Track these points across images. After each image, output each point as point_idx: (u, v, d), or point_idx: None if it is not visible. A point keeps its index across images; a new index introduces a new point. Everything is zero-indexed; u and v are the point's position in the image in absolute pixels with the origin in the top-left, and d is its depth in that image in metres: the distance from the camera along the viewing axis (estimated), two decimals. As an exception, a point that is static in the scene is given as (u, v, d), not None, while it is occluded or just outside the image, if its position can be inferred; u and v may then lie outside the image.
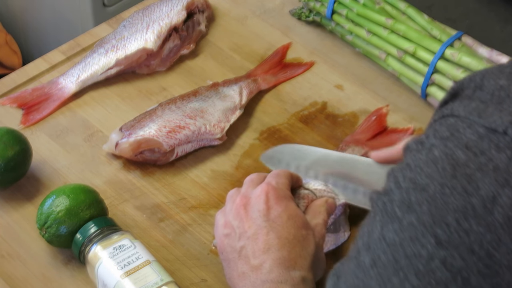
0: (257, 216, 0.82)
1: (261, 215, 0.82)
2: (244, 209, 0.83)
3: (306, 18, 1.21)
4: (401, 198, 0.61)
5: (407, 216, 0.60)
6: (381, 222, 0.61)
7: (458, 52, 1.05)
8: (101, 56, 1.12)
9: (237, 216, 0.84)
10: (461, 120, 0.61)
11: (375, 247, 0.61)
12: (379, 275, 0.60)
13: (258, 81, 1.12)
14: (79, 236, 0.89)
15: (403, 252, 0.59)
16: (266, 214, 0.82)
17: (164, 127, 1.01)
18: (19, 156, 0.96)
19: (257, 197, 0.84)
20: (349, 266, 0.64)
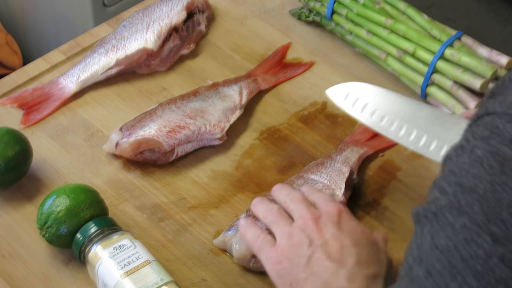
0: (330, 227, 0.80)
1: (334, 226, 0.80)
2: (314, 222, 0.81)
3: (306, 18, 1.21)
4: (449, 203, 0.60)
5: (459, 220, 0.60)
6: (431, 232, 0.61)
7: (458, 52, 1.05)
8: (101, 56, 1.12)
9: (306, 227, 0.81)
10: (498, 116, 0.61)
11: (428, 257, 0.61)
12: (435, 284, 0.60)
13: (258, 81, 1.12)
14: (79, 236, 0.89)
15: (459, 256, 0.59)
16: (339, 226, 0.80)
17: (164, 127, 1.01)
18: (20, 156, 0.96)
19: (330, 212, 0.82)
20: (401, 285, 0.63)
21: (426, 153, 0.88)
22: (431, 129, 0.89)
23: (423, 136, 0.89)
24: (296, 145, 1.06)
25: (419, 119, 0.90)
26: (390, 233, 0.96)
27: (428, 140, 0.88)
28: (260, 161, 1.03)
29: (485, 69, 1.02)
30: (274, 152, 1.05)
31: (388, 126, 0.90)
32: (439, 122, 0.89)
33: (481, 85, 1.02)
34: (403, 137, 0.89)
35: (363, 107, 0.92)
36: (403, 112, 0.91)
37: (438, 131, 0.88)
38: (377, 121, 0.91)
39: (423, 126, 0.89)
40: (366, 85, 0.94)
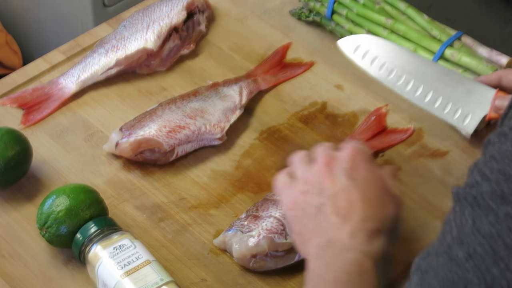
0: (340, 175, 0.83)
1: (345, 174, 0.83)
2: (327, 168, 0.84)
3: (306, 18, 1.21)
4: (491, 190, 0.61)
5: (502, 208, 0.60)
6: (472, 215, 0.62)
7: (458, 52, 1.05)
8: (101, 56, 1.12)
9: (319, 174, 0.84)
10: None
11: (469, 240, 0.62)
12: (476, 267, 0.61)
13: (258, 81, 1.12)
14: (79, 236, 0.89)
15: (502, 243, 0.60)
16: (350, 174, 0.83)
17: (164, 127, 1.01)
18: (20, 156, 0.96)
19: (343, 157, 0.85)
20: (438, 261, 0.64)
21: (432, 109, 0.90)
22: (438, 87, 0.91)
23: (429, 92, 0.91)
24: (296, 145, 1.05)
25: (428, 76, 0.92)
26: (390, 233, 0.96)
27: (434, 96, 0.90)
28: (260, 161, 1.03)
29: (485, 69, 1.02)
30: (274, 152, 1.05)
31: (396, 80, 0.92)
32: (448, 80, 0.91)
33: (481, 85, 1.02)
34: (410, 92, 0.91)
35: (372, 60, 0.93)
36: (412, 68, 0.92)
37: (445, 89, 0.90)
38: (385, 74, 0.93)
39: (430, 82, 0.91)
40: (377, 38, 0.96)
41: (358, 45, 0.95)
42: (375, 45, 0.95)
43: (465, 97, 0.91)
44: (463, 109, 0.91)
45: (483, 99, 0.91)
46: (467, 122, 0.91)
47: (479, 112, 0.90)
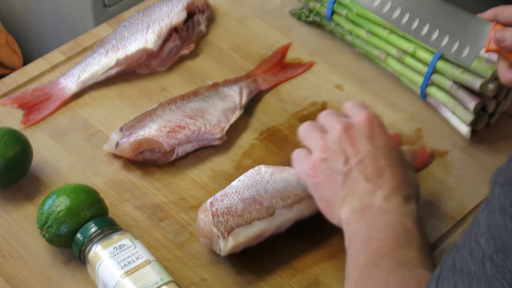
0: (363, 142, 0.84)
1: (368, 141, 0.84)
2: (347, 134, 0.85)
3: (306, 18, 1.21)
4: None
5: None
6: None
7: (458, 52, 1.05)
8: (102, 56, 1.12)
9: (340, 140, 0.85)
10: None
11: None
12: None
13: (258, 81, 1.12)
14: (79, 235, 0.89)
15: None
16: (372, 141, 0.84)
17: (165, 127, 1.01)
18: (20, 156, 0.97)
19: (361, 123, 0.86)
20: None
21: (429, 42, 0.92)
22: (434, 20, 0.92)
23: (425, 25, 0.92)
24: (296, 145, 1.05)
25: (424, 10, 0.92)
26: (390, 233, 0.96)
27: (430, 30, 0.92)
28: (260, 161, 1.03)
29: (485, 69, 1.02)
30: (274, 152, 1.05)
31: (391, 13, 0.93)
32: (444, 14, 0.91)
33: (481, 85, 1.02)
34: (406, 25, 0.92)
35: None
36: (407, 1, 0.93)
37: (442, 23, 0.91)
38: (380, 8, 0.93)
39: (426, 16, 0.92)
40: None
41: None
42: None
43: (462, 30, 0.91)
44: (461, 42, 0.91)
45: (481, 31, 0.90)
46: (465, 54, 0.91)
47: (477, 44, 0.90)
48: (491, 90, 1.03)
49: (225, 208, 0.90)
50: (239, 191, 0.91)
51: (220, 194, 0.91)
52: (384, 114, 1.10)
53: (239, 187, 0.92)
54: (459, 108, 1.05)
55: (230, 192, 0.91)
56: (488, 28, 0.90)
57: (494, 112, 1.07)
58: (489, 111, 1.06)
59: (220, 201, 0.90)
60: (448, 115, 1.07)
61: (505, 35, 0.87)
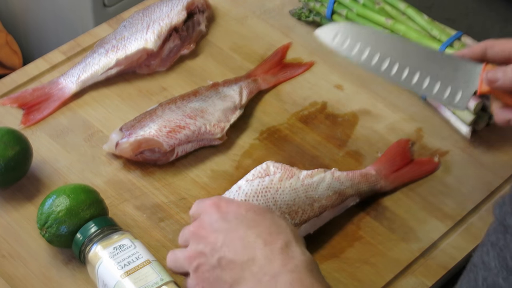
0: (218, 226, 0.79)
1: (221, 223, 0.79)
2: (201, 229, 0.80)
3: (306, 18, 1.21)
4: None
5: None
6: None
7: (458, 52, 1.05)
8: (102, 56, 1.12)
9: (197, 239, 0.80)
10: None
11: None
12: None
13: (258, 81, 1.12)
14: (79, 236, 0.89)
15: None
16: (224, 219, 0.79)
17: (164, 127, 1.01)
18: (20, 156, 0.96)
19: (208, 210, 0.81)
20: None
21: (421, 91, 0.89)
22: (424, 67, 0.90)
23: (416, 74, 0.89)
24: (296, 145, 1.06)
25: (412, 57, 0.90)
26: (390, 233, 0.96)
27: (421, 77, 0.89)
28: (260, 161, 1.03)
29: (485, 69, 1.02)
30: (274, 152, 1.05)
31: (380, 65, 0.90)
32: (433, 59, 0.90)
33: (481, 85, 1.02)
34: (395, 76, 0.90)
35: (353, 47, 0.91)
36: (394, 51, 0.90)
37: (431, 69, 0.89)
38: (368, 61, 0.91)
39: (415, 64, 0.90)
40: (355, 25, 0.94)
41: (336, 32, 0.92)
42: (354, 31, 0.92)
43: (452, 74, 0.89)
44: (453, 87, 0.89)
45: (472, 74, 0.89)
46: (458, 99, 0.89)
47: (469, 87, 0.89)
48: (491, 90, 1.03)
49: None
50: (248, 200, 0.90)
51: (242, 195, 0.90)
52: (384, 114, 1.10)
53: (248, 193, 0.90)
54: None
55: (239, 200, 0.89)
56: (479, 69, 0.88)
57: (494, 112, 1.07)
58: (490, 111, 1.06)
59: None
60: (448, 115, 1.07)
61: (497, 75, 0.86)
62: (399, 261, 0.93)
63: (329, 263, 0.93)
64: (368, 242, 0.95)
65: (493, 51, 0.88)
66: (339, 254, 0.93)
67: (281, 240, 0.77)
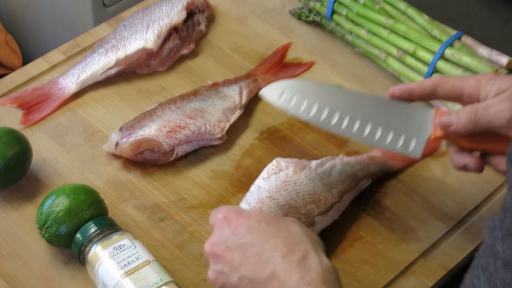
0: (231, 243, 0.79)
1: (234, 239, 0.79)
2: (215, 247, 0.80)
3: (306, 18, 1.21)
4: None
5: None
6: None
7: (458, 52, 1.05)
8: (101, 56, 1.12)
9: (214, 259, 0.80)
10: None
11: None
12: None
13: (258, 81, 1.12)
14: (79, 236, 0.89)
15: None
16: (237, 234, 0.79)
17: (164, 127, 1.01)
18: (19, 156, 0.96)
19: (219, 227, 0.81)
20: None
21: (373, 142, 0.87)
22: (375, 118, 0.87)
23: (367, 125, 0.87)
24: (296, 145, 1.05)
25: (362, 109, 0.87)
26: (390, 233, 0.96)
27: (373, 129, 0.87)
28: (260, 161, 1.03)
29: (486, 69, 1.02)
30: (274, 152, 1.05)
31: (329, 120, 0.88)
32: (383, 109, 0.87)
33: (481, 85, 1.02)
34: (346, 129, 0.87)
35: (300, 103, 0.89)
36: (343, 104, 0.88)
37: (383, 118, 0.87)
38: (317, 116, 0.88)
39: (366, 115, 0.87)
40: (300, 81, 0.92)
41: (282, 91, 0.90)
42: (301, 87, 0.90)
43: (405, 122, 0.86)
44: (406, 135, 0.86)
45: (424, 120, 0.86)
46: (412, 147, 0.86)
47: (423, 134, 0.86)
48: (491, 90, 1.02)
49: None
50: (272, 196, 0.89)
51: (254, 200, 0.89)
52: (384, 114, 1.10)
53: (270, 190, 0.90)
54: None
55: (264, 198, 0.89)
56: (431, 114, 0.86)
57: (494, 112, 1.07)
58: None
59: (259, 209, 0.88)
60: (448, 115, 1.07)
61: (450, 120, 0.83)
62: (399, 261, 0.93)
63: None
64: (368, 242, 0.95)
65: (443, 89, 0.85)
66: (340, 254, 0.93)
67: (299, 252, 0.77)
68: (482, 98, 0.83)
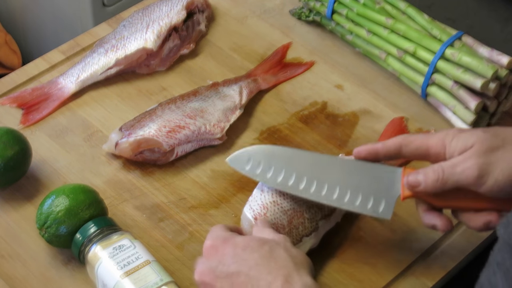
0: (219, 273, 0.80)
1: (221, 268, 0.80)
2: (205, 276, 0.81)
3: (306, 18, 1.21)
4: None
5: None
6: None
7: (458, 52, 1.04)
8: (101, 56, 1.12)
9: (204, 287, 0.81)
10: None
11: None
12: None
13: (258, 81, 1.12)
14: (78, 236, 0.89)
15: None
16: (224, 264, 0.80)
17: (164, 127, 1.01)
18: (19, 156, 0.96)
19: (207, 255, 0.82)
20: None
21: (343, 205, 0.87)
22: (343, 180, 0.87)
23: (335, 189, 0.87)
24: (296, 145, 1.05)
25: (330, 172, 0.87)
26: (390, 233, 0.96)
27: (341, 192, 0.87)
28: (260, 161, 1.03)
29: (486, 69, 1.02)
30: (274, 152, 1.04)
31: (297, 185, 0.88)
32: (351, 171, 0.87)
33: (482, 85, 1.02)
34: (315, 194, 0.87)
35: (267, 170, 0.89)
36: (310, 168, 0.88)
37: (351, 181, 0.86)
38: (285, 182, 0.88)
39: (334, 178, 0.87)
40: (266, 147, 0.91)
41: (248, 158, 0.90)
42: (267, 153, 0.90)
43: (373, 183, 0.86)
44: (375, 197, 0.86)
45: (392, 180, 0.85)
46: (382, 208, 0.86)
47: (392, 195, 0.85)
48: (492, 90, 1.02)
49: (272, 224, 0.88)
50: (276, 201, 0.89)
51: (258, 206, 0.89)
52: (385, 114, 1.10)
53: (274, 194, 0.89)
54: (460, 108, 1.05)
55: (268, 203, 0.89)
56: (399, 174, 0.85)
57: (495, 112, 1.07)
58: (490, 111, 1.05)
59: (263, 215, 0.89)
60: (449, 115, 1.07)
61: (418, 180, 0.83)
62: (399, 262, 0.93)
63: (329, 264, 0.92)
64: (368, 243, 0.95)
65: (408, 149, 0.85)
66: (339, 254, 0.93)
67: (281, 276, 0.77)
68: (448, 156, 0.82)
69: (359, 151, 0.87)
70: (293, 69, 1.15)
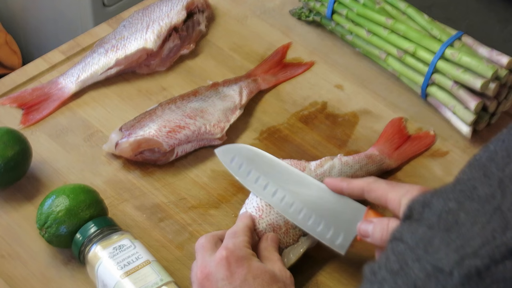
0: (222, 286, 0.80)
1: (226, 283, 0.80)
2: (207, 282, 0.81)
3: (306, 18, 1.21)
4: None
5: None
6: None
7: (458, 52, 1.04)
8: (101, 56, 1.12)
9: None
10: (410, 249, 0.58)
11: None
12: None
13: (258, 81, 1.12)
14: (79, 236, 0.89)
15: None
16: (231, 282, 0.80)
17: (164, 127, 1.01)
18: (19, 156, 0.96)
19: (217, 264, 0.81)
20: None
21: (305, 226, 0.88)
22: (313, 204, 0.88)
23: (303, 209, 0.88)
24: (296, 145, 1.05)
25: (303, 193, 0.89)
26: (391, 233, 0.95)
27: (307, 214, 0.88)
28: (260, 161, 1.03)
29: (486, 69, 1.02)
30: (274, 152, 1.04)
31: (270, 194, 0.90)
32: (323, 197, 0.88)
33: (481, 85, 1.02)
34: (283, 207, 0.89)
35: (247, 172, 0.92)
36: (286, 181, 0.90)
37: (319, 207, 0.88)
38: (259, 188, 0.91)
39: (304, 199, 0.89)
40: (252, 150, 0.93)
41: (233, 156, 0.93)
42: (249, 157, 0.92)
43: (337, 215, 0.87)
44: (335, 228, 0.87)
45: (354, 217, 0.86)
46: (339, 241, 0.87)
47: (351, 231, 0.86)
48: (492, 90, 1.02)
49: (268, 225, 0.89)
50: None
51: (254, 208, 0.90)
52: (385, 114, 1.10)
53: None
54: (460, 108, 1.05)
55: (263, 205, 0.90)
56: (362, 213, 0.86)
57: (495, 112, 1.07)
58: (490, 111, 1.05)
59: (259, 217, 0.89)
60: (449, 115, 1.07)
61: (368, 231, 0.83)
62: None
63: (329, 263, 0.92)
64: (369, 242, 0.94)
65: (370, 195, 0.85)
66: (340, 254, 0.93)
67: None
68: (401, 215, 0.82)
69: (328, 182, 0.89)
70: (293, 69, 1.15)
